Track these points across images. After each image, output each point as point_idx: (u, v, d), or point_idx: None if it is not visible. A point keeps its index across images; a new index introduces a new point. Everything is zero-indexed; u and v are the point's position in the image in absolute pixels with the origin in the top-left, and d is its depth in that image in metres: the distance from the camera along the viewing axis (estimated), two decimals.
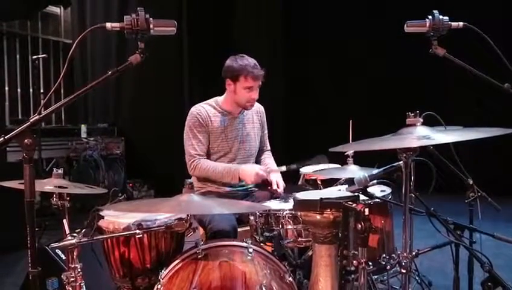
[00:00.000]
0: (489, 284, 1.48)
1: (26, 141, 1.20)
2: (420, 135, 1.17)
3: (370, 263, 2.15)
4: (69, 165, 5.05)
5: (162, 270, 1.60)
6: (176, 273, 1.56)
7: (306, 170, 2.70)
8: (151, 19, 1.29)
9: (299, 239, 1.77)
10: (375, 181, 1.65)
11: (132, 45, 1.28)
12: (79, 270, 1.47)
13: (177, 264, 1.59)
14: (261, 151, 2.59)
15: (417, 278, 2.52)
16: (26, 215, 1.20)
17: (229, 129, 2.37)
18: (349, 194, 1.55)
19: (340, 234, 1.50)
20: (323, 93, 6.17)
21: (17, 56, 6.15)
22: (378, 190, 2.11)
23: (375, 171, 1.59)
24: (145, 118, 5.93)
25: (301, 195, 1.58)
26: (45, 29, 6.63)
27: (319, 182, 2.62)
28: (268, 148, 2.65)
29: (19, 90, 6.05)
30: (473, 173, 2.06)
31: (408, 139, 1.14)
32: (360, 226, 1.35)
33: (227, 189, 2.37)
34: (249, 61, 2.28)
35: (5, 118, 5.37)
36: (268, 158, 2.58)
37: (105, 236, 1.61)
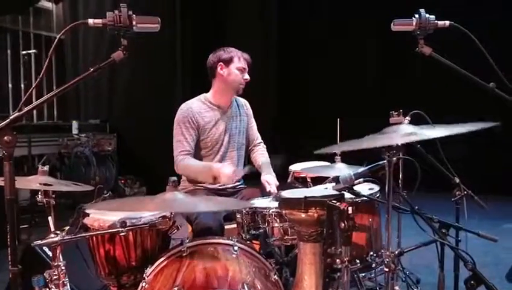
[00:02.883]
0: (472, 282, 1.49)
1: (5, 138, 1.18)
2: (404, 132, 1.17)
3: (358, 261, 2.19)
4: (60, 161, 5.03)
5: (148, 268, 1.60)
6: (161, 271, 1.56)
7: (295, 167, 2.71)
8: (134, 15, 1.28)
9: (286, 237, 1.77)
10: (361, 179, 1.66)
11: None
12: (62, 268, 1.46)
13: (162, 262, 1.59)
14: (251, 143, 2.62)
15: (403, 275, 2.53)
16: (7, 214, 1.19)
17: (219, 123, 2.40)
18: (334, 192, 1.55)
19: (324, 232, 1.51)
20: (318, 93, 6.16)
21: (8, 51, 6.10)
22: (367, 188, 2.11)
23: (360, 169, 1.59)
24: (138, 115, 5.90)
25: (286, 193, 1.58)
26: (37, 24, 6.56)
27: (309, 180, 2.62)
28: (260, 140, 2.67)
29: (10, 85, 6.01)
30: (462, 171, 2.07)
31: (392, 137, 1.14)
32: (343, 224, 1.35)
33: (215, 186, 2.37)
34: (236, 49, 2.42)
35: None
36: (260, 155, 2.58)
37: (87, 234, 1.60)
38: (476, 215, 2.07)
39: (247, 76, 2.39)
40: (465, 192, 2.03)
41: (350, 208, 1.34)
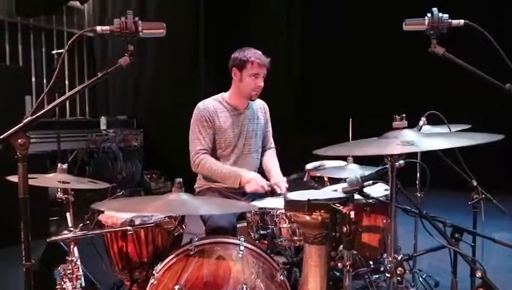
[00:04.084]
0: None
1: (19, 141, 1.25)
2: (404, 140, 1.15)
3: (371, 262, 2.17)
4: (89, 156, 5.22)
5: (158, 265, 1.65)
6: (169, 268, 1.60)
7: (310, 166, 2.70)
8: (139, 21, 1.32)
9: (294, 238, 1.78)
10: (370, 182, 1.64)
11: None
12: (76, 262, 1.53)
13: (171, 259, 1.63)
14: (264, 148, 2.60)
15: (421, 279, 2.49)
16: (21, 212, 1.27)
17: (235, 125, 2.40)
18: (340, 195, 1.54)
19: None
20: (339, 92, 6.06)
21: (43, 49, 6.37)
22: (382, 189, 2.08)
23: (367, 172, 1.57)
24: (163, 111, 6.04)
25: (291, 195, 1.59)
26: (70, 23, 6.81)
27: (326, 179, 2.60)
28: (273, 145, 2.66)
29: (44, 81, 6.28)
30: (479, 173, 2.00)
31: (391, 145, 1.11)
32: (345, 229, 1.34)
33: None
34: (255, 50, 2.36)
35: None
36: (270, 158, 2.57)
37: (97, 231, 1.66)
38: (494, 218, 2.00)
39: (260, 82, 2.34)
40: (483, 195, 1.97)
41: (352, 213, 1.34)
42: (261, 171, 2.54)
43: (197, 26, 5.91)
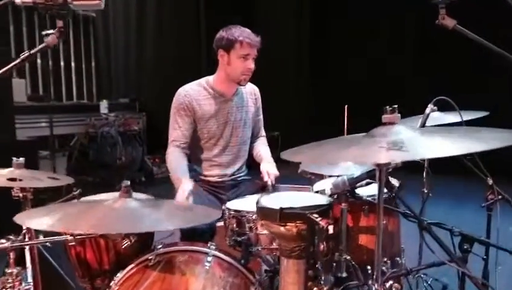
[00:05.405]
0: None
1: None
2: (393, 140, 0.88)
3: (368, 267, 1.93)
4: (89, 141, 5.07)
5: (119, 273, 1.45)
6: (127, 280, 1.40)
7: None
8: None
9: (273, 246, 1.53)
10: (363, 182, 1.38)
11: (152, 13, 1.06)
12: (18, 275, 1.34)
13: (131, 269, 1.43)
14: (254, 137, 2.35)
15: (426, 284, 2.23)
16: None
17: (220, 113, 2.13)
18: (321, 202, 1.29)
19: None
20: (349, 74, 5.71)
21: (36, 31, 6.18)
22: None
23: (356, 173, 1.31)
24: (166, 94, 5.78)
25: (265, 200, 1.33)
26: None
27: (309, 175, 2.34)
28: (263, 134, 2.40)
29: (38, 61, 6.09)
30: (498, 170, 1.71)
31: (373, 148, 0.84)
32: (322, 246, 1.10)
33: (214, 179, 2.17)
34: (243, 29, 2.05)
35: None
36: (261, 146, 2.32)
37: (35, 242, 1.41)
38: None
39: (251, 65, 2.04)
40: (500, 196, 1.68)
41: (331, 227, 1.08)
42: (251, 161, 2.31)
43: (197, 3, 5.61)
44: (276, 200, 1.33)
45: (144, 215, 1.15)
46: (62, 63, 6.24)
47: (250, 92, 2.28)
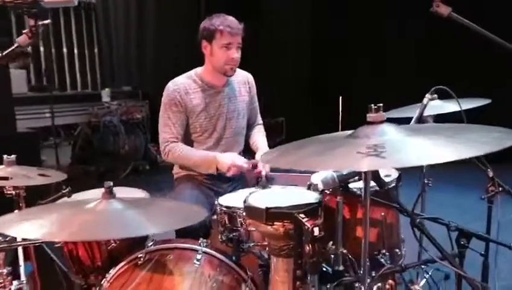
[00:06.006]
0: None
1: None
2: (373, 143, 0.82)
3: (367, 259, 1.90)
4: (92, 130, 5.08)
5: (112, 270, 1.45)
6: (117, 278, 1.40)
7: None
8: None
9: (265, 242, 1.51)
10: (356, 178, 1.35)
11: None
12: (8, 275, 1.34)
13: (121, 267, 1.43)
14: (250, 126, 2.30)
15: (427, 275, 2.20)
16: None
17: (211, 106, 2.08)
18: (309, 200, 1.25)
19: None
20: (356, 55, 5.58)
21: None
22: (382, 174, 1.77)
23: (346, 170, 1.27)
24: (168, 81, 5.75)
25: (253, 198, 1.30)
26: None
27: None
28: (260, 122, 2.35)
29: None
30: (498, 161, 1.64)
31: (351, 153, 0.79)
32: (307, 248, 1.07)
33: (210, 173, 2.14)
34: (225, 17, 1.98)
35: None
36: (257, 135, 2.27)
37: (23, 243, 1.38)
38: None
39: (234, 54, 1.96)
40: (501, 188, 1.62)
41: (316, 229, 1.05)
42: (247, 150, 2.28)
43: None
44: (264, 198, 1.30)
45: (126, 218, 1.12)
46: (65, 50, 6.21)
47: (244, 80, 2.22)
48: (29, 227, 1.01)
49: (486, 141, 0.74)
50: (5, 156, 1.73)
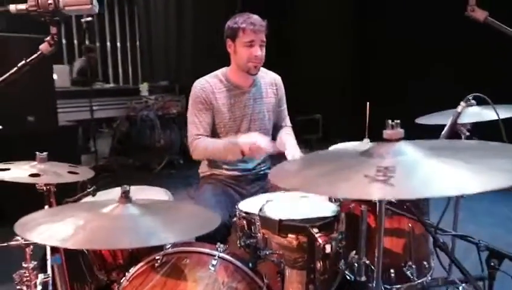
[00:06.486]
0: None
1: None
2: (385, 166, 0.76)
3: (392, 271, 1.83)
4: (130, 124, 5.24)
5: (132, 268, 1.48)
6: (134, 278, 1.43)
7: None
8: None
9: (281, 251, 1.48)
10: None
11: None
12: (33, 269, 1.40)
13: (140, 267, 1.46)
14: (278, 129, 2.27)
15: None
16: None
17: (236, 106, 2.08)
18: (327, 213, 1.21)
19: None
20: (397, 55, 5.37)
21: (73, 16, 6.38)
22: None
23: None
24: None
25: (269, 207, 1.28)
26: None
27: None
28: (288, 124, 2.31)
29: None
30: None
31: (360, 177, 0.72)
32: (319, 265, 1.03)
33: (234, 173, 2.13)
34: (249, 15, 1.99)
35: None
36: (285, 134, 2.23)
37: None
38: None
39: (257, 52, 1.95)
40: None
41: (328, 246, 1.01)
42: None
43: None
44: (279, 208, 1.27)
45: (140, 226, 1.13)
46: (108, 44, 6.42)
47: (271, 82, 2.19)
48: (45, 230, 1.04)
49: (507, 169, 0.67)
50: (37, 153, 1.80)
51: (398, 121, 0.88)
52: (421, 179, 0.67)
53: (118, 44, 6.61)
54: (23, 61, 1.10)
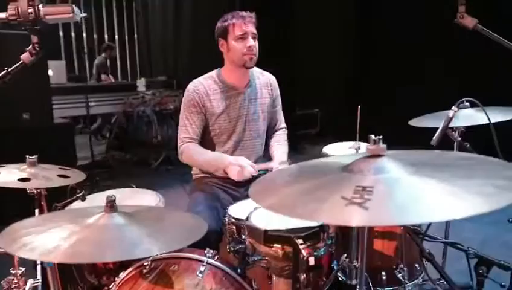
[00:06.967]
0: None
1: None
2: (363, 185, 0.74)
3: (383, 273, 1.84)
4: (126, 119, 5.22)
5: (121, 273, 1.48)
6: (124, 283, 1.43)
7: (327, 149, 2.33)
8: (40, 6, 1.02)
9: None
10: None
11: None
12: (22, 275, 1.41)
13: (129, 272, 1.45)
14: (272, 130, 2.26)
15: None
16: None
17: (231, 108, 2.06)
18: (314, 223, 1.20)
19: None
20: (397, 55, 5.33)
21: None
22: None
23: None
24: (205, 71, 5.78)
25: (255, 215, 1.27)
26: None
27: None
28: (283, 125, 2.29)
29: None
30: None
31: (337, 198, 0.70)
32: (302, 277, 1.03)
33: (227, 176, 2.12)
34: (236, 12, 2.00)
35: None
36: (277, 141, 2.22)
37: None
38: None
39: (250, 42, 1.95)
40: None
41: (312, 259, 1.01)
42: (268, 155, 2.24)
43: None
44: (266, 217, 1.27)
45: (125, 237, 1.12)
46: (106, 36, 6.39)
47: (266, 82, 2.18)
48: (29, 243, 1.03)
49: (487, 193, 0.65)
50: (27, 157, 1.79)
51: (381, 137, 0.87)
52: (399, 203, 0.66)
53: (116, 38, 6.57)
54: (5, 72, 1.08)
